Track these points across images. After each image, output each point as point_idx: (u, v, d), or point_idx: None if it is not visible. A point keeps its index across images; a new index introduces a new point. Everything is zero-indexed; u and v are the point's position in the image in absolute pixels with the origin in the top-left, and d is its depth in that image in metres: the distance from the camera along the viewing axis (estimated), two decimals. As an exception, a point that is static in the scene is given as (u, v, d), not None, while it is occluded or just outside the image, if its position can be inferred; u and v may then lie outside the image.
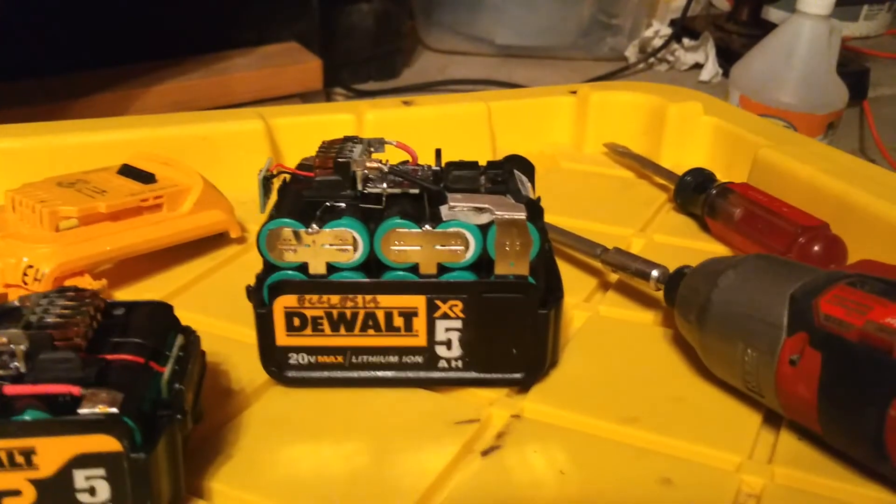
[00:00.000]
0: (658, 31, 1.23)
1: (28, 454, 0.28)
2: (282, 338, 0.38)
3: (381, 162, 0.39)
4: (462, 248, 0.36)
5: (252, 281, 0.38)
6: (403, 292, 0.37)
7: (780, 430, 0.37)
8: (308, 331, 0.38)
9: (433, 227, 0.36)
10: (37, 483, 0.29)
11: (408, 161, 0.42)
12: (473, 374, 0.38)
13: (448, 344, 0.38)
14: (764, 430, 0.37)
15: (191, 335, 0.34)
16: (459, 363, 0.38)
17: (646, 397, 0.39)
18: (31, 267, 0.42)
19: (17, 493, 0.29)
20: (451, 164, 0.40)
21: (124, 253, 0.45)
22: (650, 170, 0.59)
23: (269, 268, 0.37)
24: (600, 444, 0.36)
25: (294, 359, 0.38)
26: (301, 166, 0.41)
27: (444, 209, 0.37)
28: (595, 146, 0.64)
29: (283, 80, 0.98)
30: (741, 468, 0.35)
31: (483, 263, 0.37)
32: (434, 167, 0.41)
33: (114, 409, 0.28)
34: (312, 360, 0.38)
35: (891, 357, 0.32)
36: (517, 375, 0.39)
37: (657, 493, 0.34)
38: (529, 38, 1.19)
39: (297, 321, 0.38)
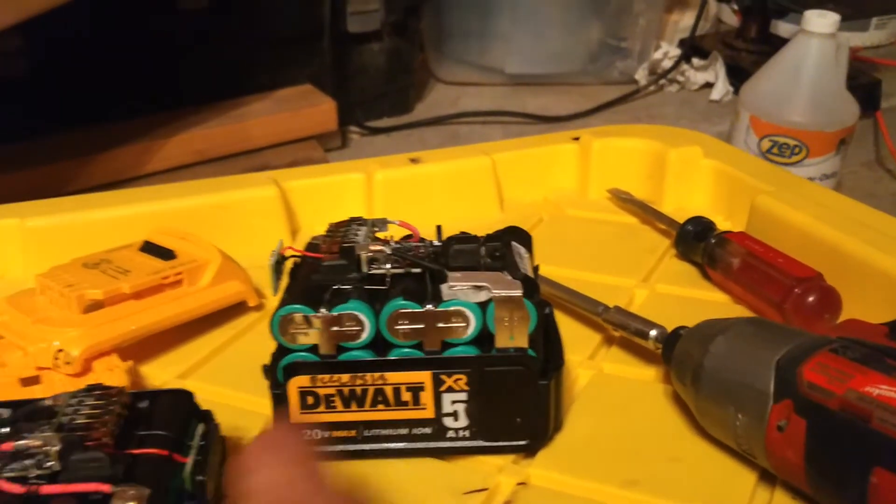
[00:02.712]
0: (667, 52, 1.24)
1: None
2: (296, 415, 0.40)
3: (385, 242, 0.42)
4: (463, 324, 0.38)
5: (269, 349, 0.40)
6: (410, 369, 0.39)
7: (775, 488, 0.39)
8: (322, 408, 0.40)
9: (435, 306, 0.38)
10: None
11: (411, 236, 0.44)
12: (480, 443, 0.40)
13: (455, 415, 0.40)
14: (760, 489, 0.39)
15: (210, 423, 0.37)
16: (466, 433, 0.40)
17: (646, 459, 0.41)
18: (61, 351, 0.44)
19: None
20: (451, 239, 0.43)
21: (148, 330, 0.47)
22: (652, 216, 0.61)
23: (282, 348, 0.40)
24: (602, 510, 0.38)
25: (309, 434, 0.41)
26: (310, 246, 0.44)
27: (444, 288, 0.39)
28: (599, 192, 0.66)
29: (298, 123, 1.00)
30: (737, 529, 0.37)
31: (485, 337, 0.39)
32: (435, 242, 0.43)
33: None
34: (326, 435, 0.41)
35: (870, 426, 0.33)
36: (522, 443, 0.41)
37: (655, 557, 0.36)
38: (539, 66, 1.20)
39: (310, 399, 0.40)
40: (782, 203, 0.55)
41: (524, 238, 0.45)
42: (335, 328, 0.38)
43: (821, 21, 0.91)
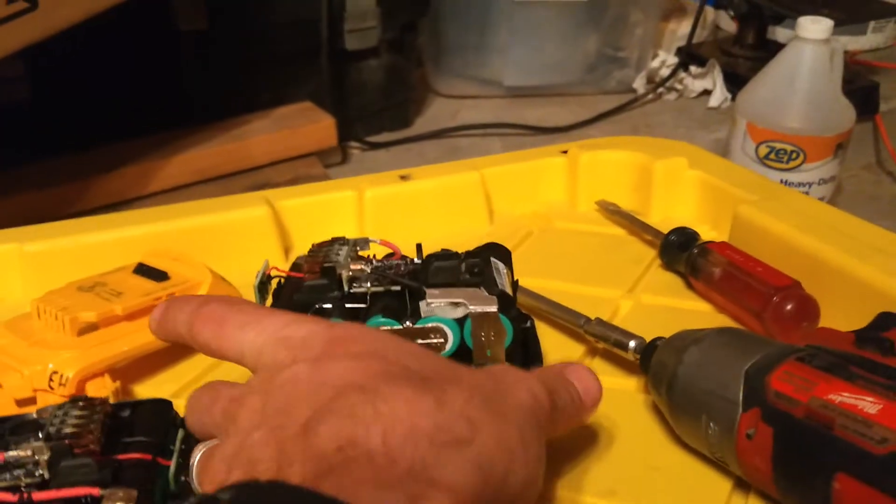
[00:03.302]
0: (665, 60, 1.25)
1: None
2: None
3: (367, 260, 0.43)
4: (441, 340, 0.39)
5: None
6: None
7: (749, 495, 0.40)
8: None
9: (413, 323, 0.39)
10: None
11: (393, 254, 0.45)
12: None
13: None
14: (735, 496, 0.40)
15: None
16: None
17: (625, 468, 0.42)
18: (55, 373, 0.45)
19: None
20: (431, 256, 0.44)
21: (142, 351, 0.48)
22: (639, 227, 0.62)
23: None
24: (579, 519, 0.39)
25: None
26: (294, 266, 0.45)
27: (423, 304, 0.40)
28: (588, 204, 0.67)
29: (299, 140, 1.01)
30: (711, 536, 0.38)
31: (464, 352, 0.40)
32: (416, 260, 0.44)
33: None
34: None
35: (832, 433, 0.34)
36: None
37: (629, 565, 0.37)
38: (537, 78, 1.22)
39: None
40: (763, 213, 0.56)
41: (503, 254, 0.46)
42: (318, 346, 0.40)
43: (814, 27, 0.92)
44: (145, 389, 0.49)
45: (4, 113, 0.90)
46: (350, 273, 0.42)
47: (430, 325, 0.39)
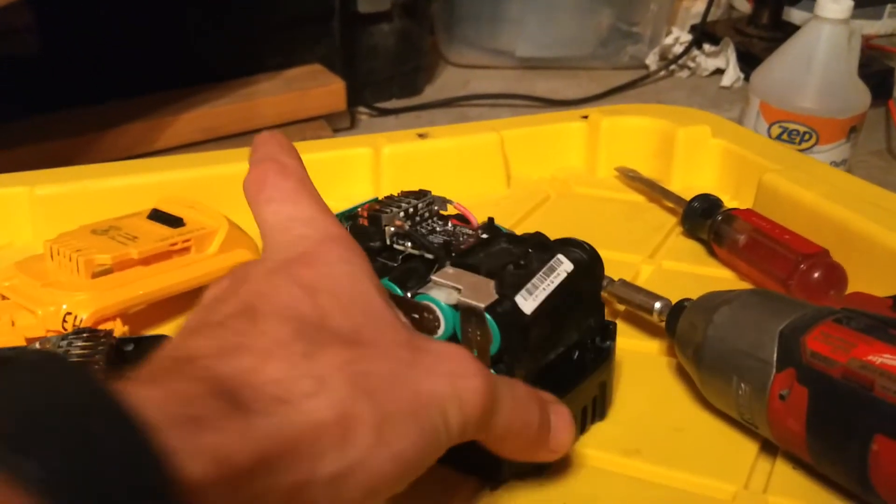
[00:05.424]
0: (678, 37, 1.24)
1: None
2: None
3: (413, 220, 0.41)
4: (434, 322, 0.36)
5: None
6: None
7: (776, 458, 0.39)
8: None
9: (412, 296, 0.36)
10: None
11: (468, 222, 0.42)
12: (448, 454, 0.36)
13: None
14: (760, 459, 0.39)
15: None
16: None
17: (648, 428, 0.41)
18: (69, 314, 0.44)
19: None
20: (502, 235, 0.40)
21: (156, 296, 0.48)
22: (659, 194, 0.61)
23: None
24: (604, 477, 0.38)
25: None
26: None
27: (432, 278, 0.37)
28: (607, 170, 0.66)
29: (307, 103, 1.00)
30: (737, 498, 0.37)
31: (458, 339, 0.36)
32: (483, 235, 0.41)
33: None
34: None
35: (872, 394, 0.33)
36: (483, 469, 0.37)
37: (655, 523, 0.36)
38: (549, 50, 1.20)
39: None
40: (789, 181, 0.55)
41: (588, 263, 0.40)
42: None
43: (834, 6, 0.91)
44: (158, 336, 0.48)
45: (13, 64, 0.88)
46: (393, 228, 0.40)
47: (423, 301, 0.36)
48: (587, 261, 0.39)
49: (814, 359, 0.35)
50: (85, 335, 0.36)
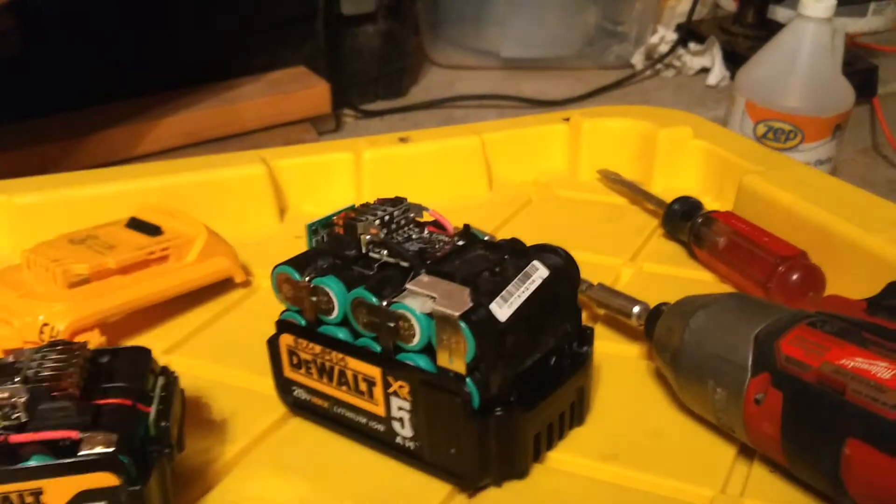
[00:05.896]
0: (664, 36, 1.24)
1: (37, 495, 0.32)
2: (287, 370, 0.41)
3: (394, 227, 0.41)
4: (410, 331, 0.36)
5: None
6: (364, 360, 0.38)
7: (753, 462, 0.39)
8: (303, 371, 0.40)
9: (387, 305, 0.36)
10: (46, 521, 0.32)
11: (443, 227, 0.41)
12: (424, 458, 0.38)
13: (402, 422, 0.38)
14: (738, 463, 0.39)
15: (170, 375, 0.38)
16: (411, 444, 0.38)
17: (627, 433, 0.41)
18: (46, 325, 0.44)
19: (29, 531, 0.32)
20: (478, 242, 0.40)
21: (134, 305, 0.47)
22: (641, 196, 0.61)
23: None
24: (582, 483, 0.38)
25: (296, 391, 0.41)
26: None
27: (408, 286, 0.37)
28: (589, 172, 0.66)
29: (292, 106, 1.00)
30: (714, 502, 0.37)
31: (433, 349, 0.36)
32: (459, 242, 0.40)
33: (110, 449, 0.31)
34: (308, 398, 0.41)
35: (844, 398, 0.33)
36: (459, 475, 0.37)
37: (632, 529, 0.36)
38: (535, 50, 1.20)
39: (295, 359, 0.40)
40: (769, 183, 0.55)
41: (561, 266, 0.39)
42: (313, 298, 0.38)
43: (817, 5, 0.91)
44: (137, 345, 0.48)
45: (-5, 67, 0.88)
46: (369, 237, 0.40)
47: (398, 311, 0.36)
48: (563, 266, 0.39)
49: (788, 363, 0.36)
50: (59, 348, 0.36)
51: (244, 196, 0.58)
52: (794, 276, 0.48)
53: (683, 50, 1.23)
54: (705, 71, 1.21)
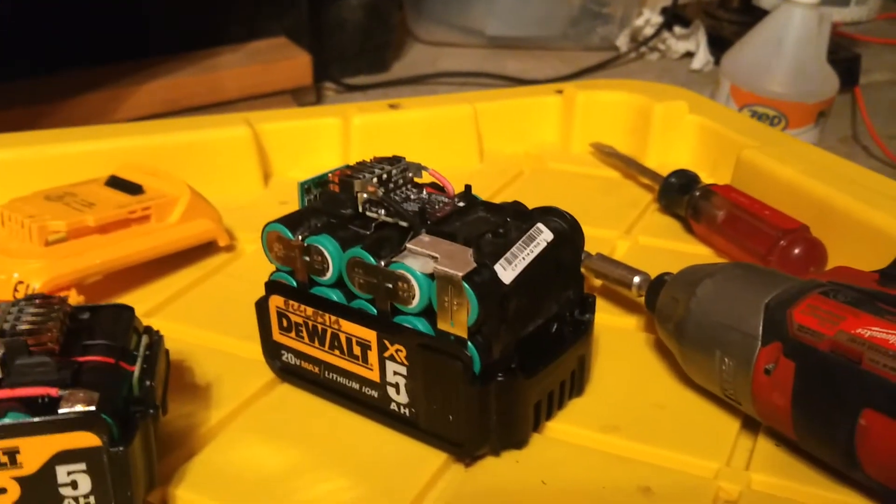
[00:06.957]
0: (649, 19, 1.23)
1: (12, 454, 0.30)
2: (276, 334, 0.39)
3: (386, 187, 0.39)
4: (409, 292, 0.34)
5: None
6: (359, 322, 0.36)
7: (758, 435, 0.38)
8: (293, 334, 0.39)
9: (386, 265, 0.35)
10: (21, 480, 0.30)
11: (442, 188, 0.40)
12: (419, 425, 0.36)
13: (397, 388, 0.37)
14: (742, 436, 0.38)
15: (154, 335, 0.36)
16: (407, 411, 0.37)
17: (628, 405, 0.40)
18: (21, 283, 0.42)
19: (2, 490, 0.30)
20: (479, 204, 0.39)
21: (114, 265, 0.45)
22: (635, 170, 0.60)
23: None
24: (582, 454, 0.37)
25: (285, 356, 0.40)
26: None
27: (407, 245, 0.35)
28: (582, 146, 0.65)
29: (272, 77, 0.97)
30: (719, 475, 0.36)
31: (433, 310, 0.34)
32: (459, 203, 0.38)
33: (91, 408, 0.30)
34: (297, 362, 0.39)
35: (861, 367, 0.32)
36: (456, 443, 0.36)
37: (637, 501, 0.35)
38: (520, 29, 1.19)
39: (285, 322, 0.39)
40: (768, 157, 0.54)
41: (568, 233, 0.38)
42: (306, 258, 0.37)
43: (805, -10, 0.90)
44: (116, 308, 0.46)
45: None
46: (366, 195, 0.38)
47: (397, 271, 0.34)
48: (568, 230, 0.38)
49: (801, 332, 0.34)
50: (37, 301, 0.34)
51: (228, 159, 0.56)
52: (797, 250, 0.47)
53: (668, 33, 1.22)
54: (689, 55, 1.20)
